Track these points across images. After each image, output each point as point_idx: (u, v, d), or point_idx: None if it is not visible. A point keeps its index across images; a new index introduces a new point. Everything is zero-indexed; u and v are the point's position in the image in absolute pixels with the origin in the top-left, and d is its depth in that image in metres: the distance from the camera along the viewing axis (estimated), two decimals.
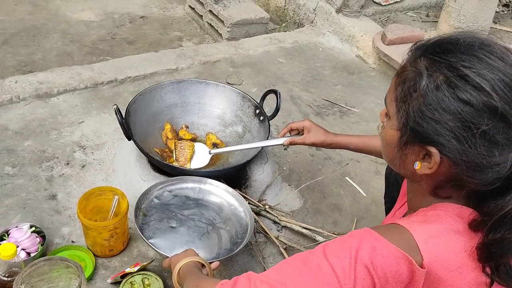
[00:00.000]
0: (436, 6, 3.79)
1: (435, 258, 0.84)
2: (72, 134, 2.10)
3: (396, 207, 1.25)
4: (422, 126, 0.85)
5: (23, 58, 2.88)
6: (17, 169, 1.89)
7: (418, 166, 0.90)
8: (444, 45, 0.86)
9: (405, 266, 0.83)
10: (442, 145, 0.84)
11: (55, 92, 2.28)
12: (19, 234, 1.54)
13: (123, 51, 3.09)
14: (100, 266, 1.60)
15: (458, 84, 0.81)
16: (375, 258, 0.83)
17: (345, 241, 0.87)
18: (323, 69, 2.94)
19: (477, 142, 0.81)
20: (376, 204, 2.03)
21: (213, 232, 1.62)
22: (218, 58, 2.81)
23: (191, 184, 1.73)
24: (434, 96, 0.83)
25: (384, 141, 0.98)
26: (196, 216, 1.66)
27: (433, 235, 0.86)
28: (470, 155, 0.82)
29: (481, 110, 0.80)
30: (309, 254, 0.89)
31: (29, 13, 3.30)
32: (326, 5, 3.28)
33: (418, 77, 0.86)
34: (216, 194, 1.73)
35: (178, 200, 1.69)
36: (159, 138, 1.96)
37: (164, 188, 1.70)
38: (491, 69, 0.81)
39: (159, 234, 1.57)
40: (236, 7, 3.32)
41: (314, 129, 1.61)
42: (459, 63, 0.82)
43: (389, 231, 0.88)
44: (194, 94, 2.04)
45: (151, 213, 1.63)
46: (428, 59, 0.86)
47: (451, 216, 0.89)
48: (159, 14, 3.60)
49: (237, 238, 1.61)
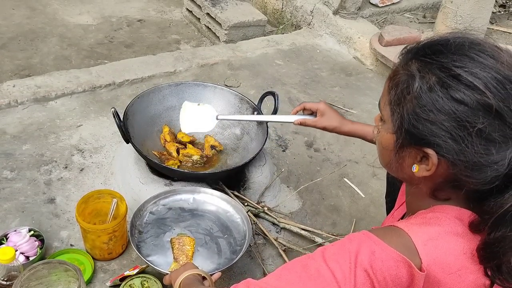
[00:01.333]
0: (433, 7, 3.80)
1: (434, 261, 0.83)
2: (70, 138, 2.10)
3: (395, 208, 1.24)
4: (417, 128, 0.85)
5: (21, 62, 2.89)
6: (16, 173, 1.89)
7: (416, 169, 0.89)
8: (435, 47, 0.86)
9: (404, 269, 0.82)
10: (438, 146, 0.83)
11: (53, 96, 2.28)
12: (18, 237, 1.54)
13: (121, 54, 3.10)
14: (99, 269, 1.59)
15: (451, 84, 0.81)
16: (375, 262, 0.82)
17: (344, 245, 0.86)
18: (321, 71, 2.94)
19: (473, 141, 0.81)
20: (375, 205, 2.04)
21: (212, 242, 1.61)
22: (216, 61, 2.81)
23: (185, 195, 1.71)
24: (428, 97, 0.83)
25: (380, 145, 0.97)
26: (193, 227, 1.64)
27: (432, 237, 0.85)
28: (468, 154, 0.82)
29: (476, 109, 0.80)
30: (308, 259, 0.88)
31: (26, 17, 3.31)
32: (323, 7, 3.29)
33: (411, 79, 0.85)
34: (210, 202, 1.71)
35: (173, 213, 1.67)
36: (157, 141, 1.96)
37: (158, 202, 1.67)
38: (483, 68, 0.81)
39: (157, 251, 1.55)
40: (234, 10, 3.33)
41: (328, 113, 1.55)
42: (450, 63, 0.82)
43: (388, 234, 0.87)
44: (192, 96, 2.04)
45: (147, 229, 1.61)
46: (419, 61, 0.86)
47: (450, 218, 0.88)
48: (156, 17, 3.61)
49: (236, 245, 1.60)
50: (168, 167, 1.77)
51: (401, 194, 1.24)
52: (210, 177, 1.83)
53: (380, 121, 0.97)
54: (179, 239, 1.57)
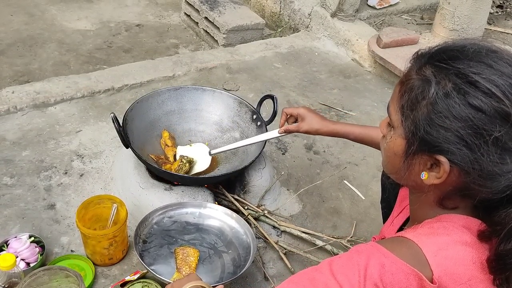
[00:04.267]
0: (430, 9, 3.81)
1: (445, 272, 0.82)
2: (70, 143, 2.10)
3: (394, 215, 1.22)
4: (431, 134, 0.83)
5: (20, 68, 2.89)
6: (15, 179, 1.89)
7: (425, 176, 0.87)
8: (450, 52, 0.85)
9: (415, 282, 0.81)
10: (452, 153, 0.82)
11: (52, 101, 2.28)
12: (18, 244, 1.54)
13: (119, 59, 3.10)
14: (99, 274, 1.59)
15: (468, 90, 0.79)
16: (385, 276, 0.80)
17: (352, 258, 0.84)
18: (319, 74, 2.95)
19: (489, 149, 0.79)
20: (375, 207, 2.03)
21: (215, 256, 1.61)
22: (214, 65, 2.81)
23: (191, 209, 1.71)
24: (444, 103, 0.81)
25: (390, 151, 0.94)
26: (197, 240, 1.64)
27: (442, 247, 0.83)
28: (482, 163, 0.80)
29: (493, 116, 0.78)
30: (315, 271, 0.86)
31: (25, 23, 3.31)
32: (321, 10, 3.30)
33: (426, 85, 0.83)
34: (216, 217, 1.71)
35: (178, 226, 1.67)
36: (156, 146, 1.96)
37: (164, 214, 1.67)
38: (500, 75, 0.79)
39: (159, 261, 1.55)
40: (232, 14, 3.33)
41: (309, 117, 1.56)
42: (467, 69, 0.80)
43: (397, 245, 0.85)
44: (191, 101, 2.05)
45: (151, 239, 1.61)
46: (434, 66, 0.84)
47: (457, 227, 0.87)
48: (155, 22, 3.61)
49: (240, 261, 1.58)
50: (167, 171, 1.77)
51: (399, 201, 1.22)
52: (210, 181, 1.83)
53: (387, 127, 0.95)
54: (183, 250, 1.57)
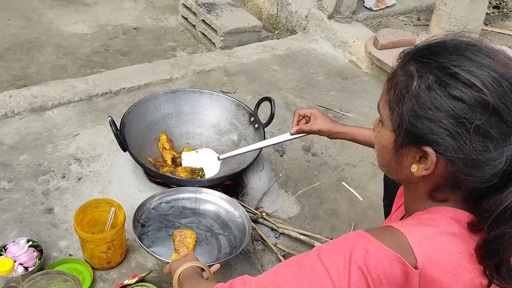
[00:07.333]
0: (427, 10, 3.82)
1: (429, 260, 0.84)
2: (68, 147, 2.10)
3: (392, 211, 1.25)
4: (416, 126, 0.87)
5: (17, 73, 2.89)
6: (13, 184, 1.89)
7: (415, 169, 0.91)
8: (432, 48, 0.89)
9: (398, 267, 0.83)
10: (437, 143, 0.85)
11: (49, 105, 2.28)
12: (16, 248, 1.54)
13: (117, 62, 3.10)
14: (98, 278, 1.59)
15: (449, 82, 0.83)
16: (369, 260, 0.83)
17: (339, 244, 0.88)
18: (317, 75, 2.95)
19: (471, 137, 0.82)
20: (373, 208, 2.04)
21: (212, 238, 1.64)
22: (212, 67, 2.82)
23: (188, 194, 1.75)
24: (427, 96, 0.85)
25: (380, 145, 0.99)
26: (194, 224, 1.68)
27: (427, 237, 0.86)
28: (466, 151, 0.83)
29: (473, 106, 0.81)
30: (304, 257, 0.90)
31: (22, 27, 3.31)
32: (318, 12, 3.30)
33: (409, 79, 0.88)
34: (212, 202, 1.75)
35: (175, 210, 1.71)
36: (154, 149, 1.96)
37: (161, 199, 1.71)
38: (479, 66, 0.83)
39: (158, 243, 1.59)
40: (229, 16, 3.34)
41: (321, 117, 1.61)
42: (448, 63, 0.84)
43: (383, 233, 0.89)
44: (189, 103, 2.05)
45: (149, 223, 1.64)
46: (417, 62, 0.89)
47: (445, 219, 0.89)
48: (152, 25, 3.61)
49: (236, 242, 1.63)
50: (165, 174, 1.78)
51: (398, 197, 1.25)
52: (208, 184, 1.83)
53: (378, 125, 0.99)
54: (181, 232, 1.62)
